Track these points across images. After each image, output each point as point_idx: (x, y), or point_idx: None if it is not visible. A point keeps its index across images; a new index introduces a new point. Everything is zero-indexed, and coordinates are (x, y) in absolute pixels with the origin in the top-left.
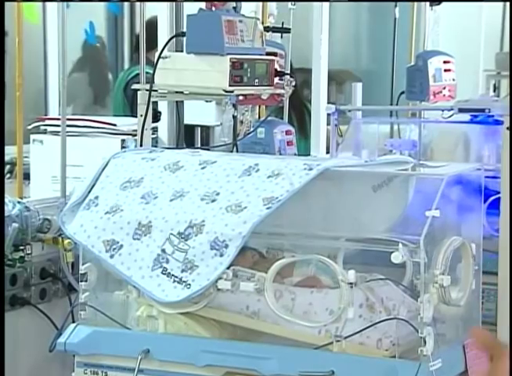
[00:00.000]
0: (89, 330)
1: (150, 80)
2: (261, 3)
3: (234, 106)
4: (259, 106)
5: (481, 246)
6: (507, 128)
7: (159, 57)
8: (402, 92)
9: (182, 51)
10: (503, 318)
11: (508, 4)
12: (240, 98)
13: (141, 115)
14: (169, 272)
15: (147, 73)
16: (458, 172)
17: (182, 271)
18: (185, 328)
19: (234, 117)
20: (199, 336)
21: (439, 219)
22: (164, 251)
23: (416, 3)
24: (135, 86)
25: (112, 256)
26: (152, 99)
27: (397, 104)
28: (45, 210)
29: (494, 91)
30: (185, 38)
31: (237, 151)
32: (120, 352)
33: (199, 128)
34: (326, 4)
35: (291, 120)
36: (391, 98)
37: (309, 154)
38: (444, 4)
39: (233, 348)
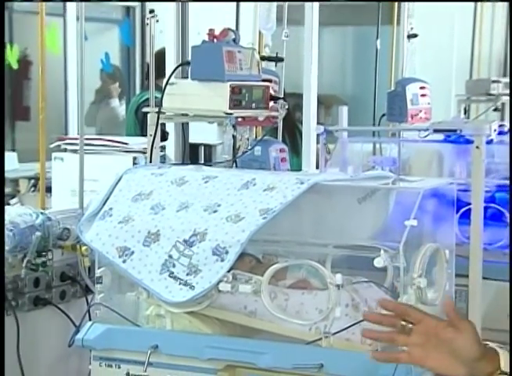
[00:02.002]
0: (104, 327)
1: (159, 104)
2: (257, 37)
3: (234, 126)
4: (256, 127)
5: (453, 252)
6: (476, 147)
7: (166, 83)
8: (383, 115)
9: (187, 78)
10: (474, 316)
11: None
12: (239, 120)
13: (150, 135)
14: (175, 276)
15: (156, 97)
16: (433, 186)
17: (187, 274)
18: (190, 326)
19: (234, 136)
20: (202, 333)
21: (416, 228)
22: (170, 256)
23: (394, 36)
24: (145, 109)
25: (124, 261)
26: (160, 121)
27: (379, 125)
28: (64, 220)
29: (465, 113)
30: (189, 67)
31: (236, 167)
32: (132, 347)
33: (202, 147)
34: (316, 35)
35: (285, 139)
36: (374, 119)
37: (301, 170)
38: (420, 37)
39: (233, 344)
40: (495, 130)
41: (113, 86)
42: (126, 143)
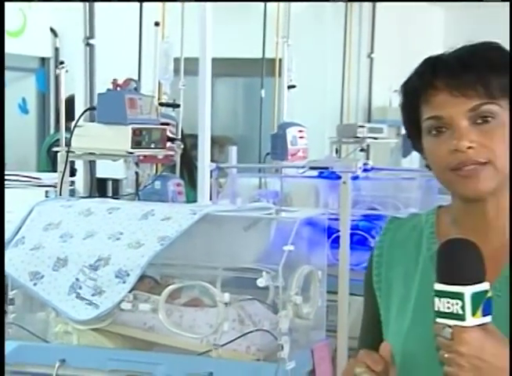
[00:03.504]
0: (16, 344)
1: (68, 144)
2: (157, 86)
3: (136, 164)
4: (156, 164)
5: (325, 272)
6: (343, 182)
7: (75, 126)
8: (268, 153)
9: (93, 121)
10: (343, 326)
11: None
12: (141, 158)
13: (60, 171)
14: (82, 297)
15: (66, 138)
16: (308, 216)
17: (93, 295)
18: (95, 341)
19: (136, 172)
20: (105, 347)
21: (293, 252)
22: (77, 279)
23: (276, 86)
24: (55, 149)
25: (35, 284)
26: (69, 159)
27: (264, 162)
28: None
29: (336, 153)
30: (96, 111)
31: (139, 199)
32: (42, 361)
33: (110, 181)
34: (209, 85)
35: (183, 174)
36: (259, 157)
37: (196, 201)
38: (298, 87)
39: (133, 356)
40: (360, 167)
41: None
42: (39, 178)
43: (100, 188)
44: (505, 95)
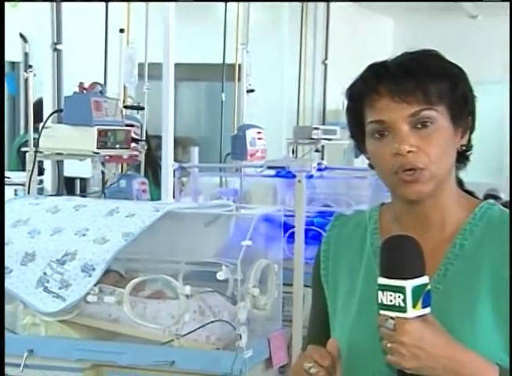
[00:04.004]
0: None
1: (36, 144)
2: (122, 89)
3: (102, 163)
4: (122, 164)
5: (281, 265)
6: (298, 181)
7: (43, 127)
8: (228, 154)
9: (61, 122)
10: (298, 316)
11: None
12: (106, 157)
13: (28, 170)
14: (49, 290)
15: (35, 139)
16: (265, 212)
17: (60, 288)
18: (62, 332)
19: (102, 171)
20: (72, 338)
21: (251, 247)
22: (45, 273)
23: (236, 90)
24: (24, 149)
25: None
26: (38, 159)
27: (224, 162)
28: None
29: (293, 153)
30: (63, 113)
31: (105, 197)
32: (10, 351)
33: (78, 180)
34: (172, 89)
35: (147, 174)
36: (220, 157)
37: (160, 199)
38: (257, 91)
39: (98, 346)
40: (314, 167)
41: None
42: (8, 177)
43: (68, 186)
44: (442, 101)
